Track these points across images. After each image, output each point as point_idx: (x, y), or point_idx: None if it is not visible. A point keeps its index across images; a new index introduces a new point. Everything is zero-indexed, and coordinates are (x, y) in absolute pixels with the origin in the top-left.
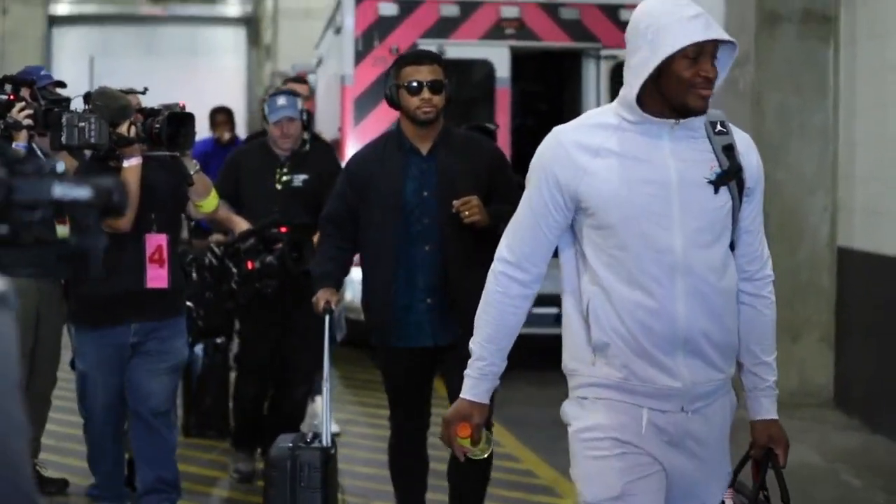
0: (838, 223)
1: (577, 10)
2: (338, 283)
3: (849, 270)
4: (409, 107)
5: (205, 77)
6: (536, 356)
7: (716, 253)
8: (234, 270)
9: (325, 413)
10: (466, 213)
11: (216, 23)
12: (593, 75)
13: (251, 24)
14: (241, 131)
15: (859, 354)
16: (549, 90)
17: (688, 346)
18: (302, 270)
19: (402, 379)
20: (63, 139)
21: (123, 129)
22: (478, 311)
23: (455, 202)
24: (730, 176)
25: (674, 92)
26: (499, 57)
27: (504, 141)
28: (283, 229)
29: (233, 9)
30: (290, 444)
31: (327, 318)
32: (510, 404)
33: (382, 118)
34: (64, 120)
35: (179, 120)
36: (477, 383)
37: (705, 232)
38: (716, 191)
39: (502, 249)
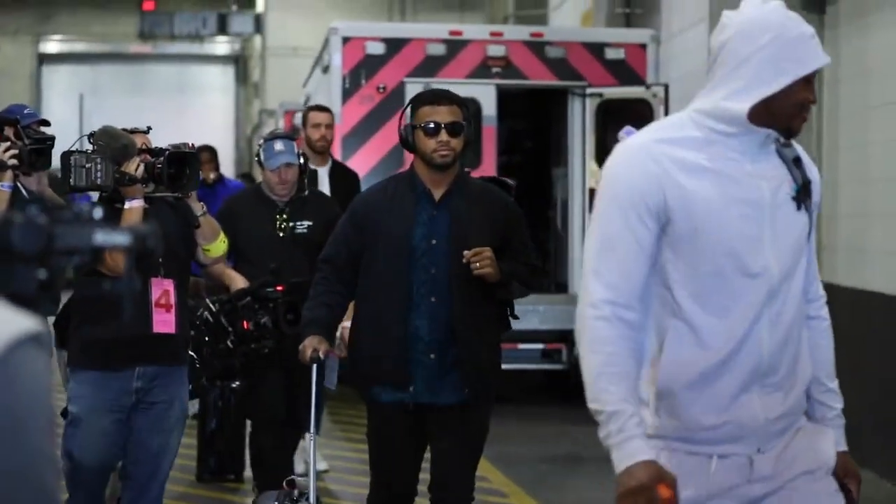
0: (822, 261)
1: (563, 48)
2: (328, 331)
3: (832, 306)
4: (425, 149)
5: (193, 115)
6: (523, 392)
7: (799, 276)
8: (230, 329)
9: (311, 470)
10: (478, 264)
11: (204, 61)
12: (579, 113)
13: (239, 62)
14: (229, 170)
15: (844, 390)
16: (536, 128)
17: (768, 379)
18: (298, 332)
19: (393, 440)
20: (72, 181)
21: (130, 168)
22: (592, 370)
23: (466, 252)
24: (806, 191)
25: (786, 113)
26: (485, 95)
27: None
28: (280, 288)
29: (221, 47)
30: None
31: (315, 367)
32: (496, 441)
33: (370, 156)
34: (72, 161)
35: (181, 159)
36: (642, 441)
37: (793, 254)
38: (798, 208)
39: (598, 290)
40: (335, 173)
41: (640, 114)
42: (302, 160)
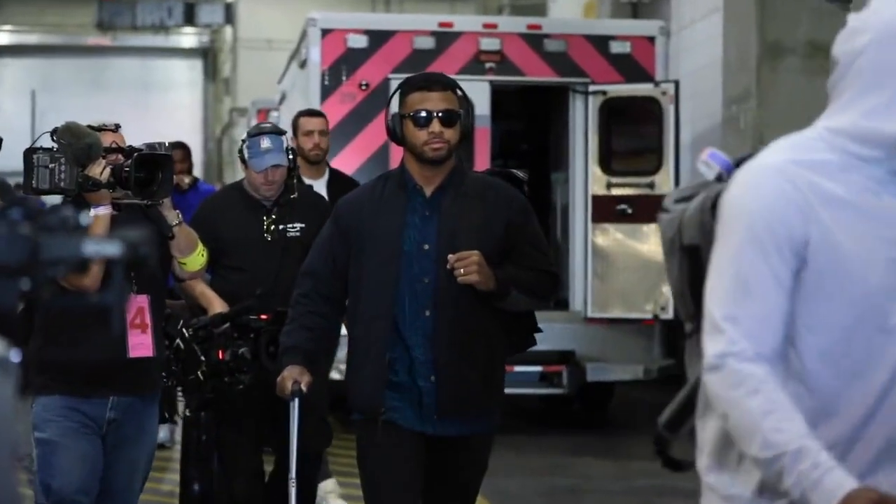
0: None
1: (564, 41)
2: (311, 359)
3: None
4: (416, 142)
5: (157, 114)
6: (519, 419)
7: None
8: (203, 359)
9: None
10: (461, 270)
11: (170, 54)
12: (581, 112)
13: (208, 56)
14: (196, 174)
15: None
16: (533, 129)
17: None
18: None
19: (389, 466)
20: (34, 182)
21: (95, 171)
22: (753, 414)
23: (450, 257)
24: None
25: None
26: (478, 93)
27: None
28: (264, 317)
29: (188, 39)
30: None
31: (296, 402)
32: (490, 473)
33: (352, 161)
34: (35, 160)
35: (152, 162)
36: (839, 470)
37: None
38: None
39: (738, 341)
40: (334, 186)
41: (647, 113)
42: (291, 156)
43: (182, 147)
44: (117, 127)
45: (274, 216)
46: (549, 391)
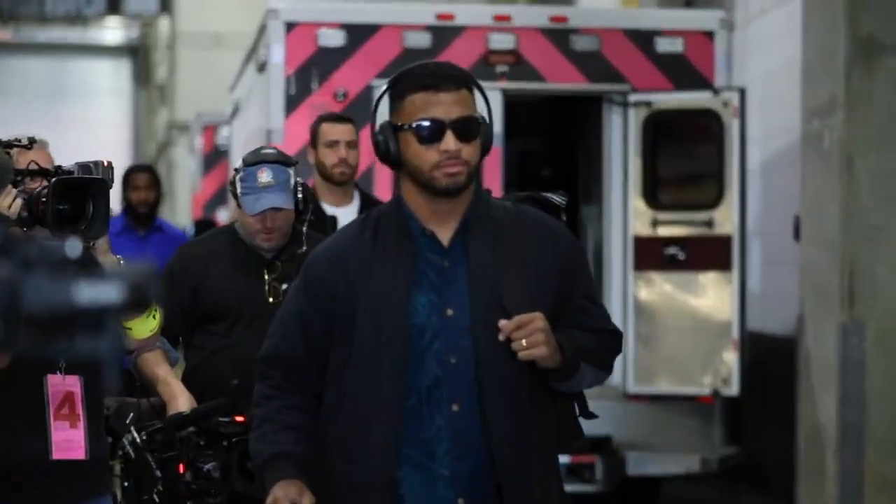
0: None
1: (597, 37)
2: (304, 469)
3: None
4: (421, 164)
5: (72, 128)
6: None
7: None
8: (159, 474)
9: None
10: (524, 341)
11: (89, 53)
12: (619, 129)
13: (138, 55)
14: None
15: None
16: (557, 150)
17: None
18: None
19: None
20: None
21: (2, 203)
22: None
23: (504, 324)
24: None
25: None
26: None
27: None
28: (240, 419)
29: (112, 34)
30: None
31: None
32: None
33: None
34: None
35: (79, 189)
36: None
37: None
38: None
39: None
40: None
41: (704, 130)
42: (301, 195)
43: (148, 171)
44: (33, 142)
45: (276, 273)
46: (579, 488)
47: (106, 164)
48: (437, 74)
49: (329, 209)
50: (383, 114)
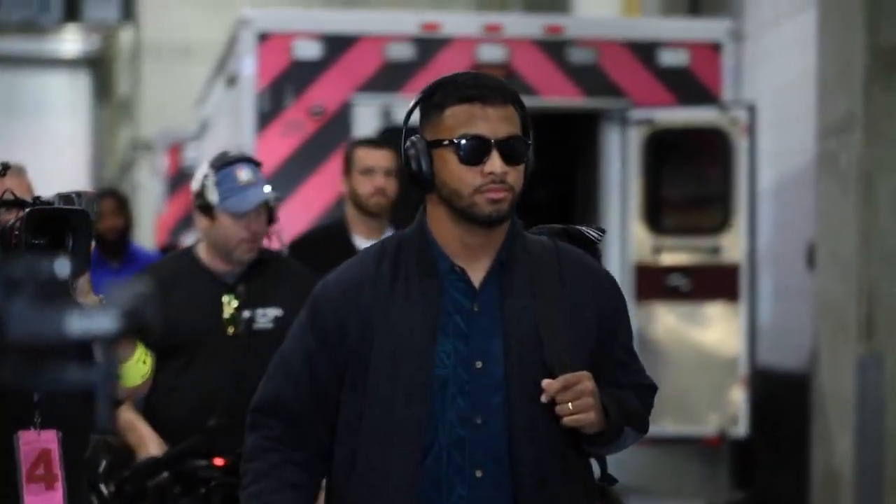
0: None
1: (595, 50)
2: None
3: None
4: (461, 188)
5: (26, 147)
6: None
7: None
8: None
9: None
10: (570, 406)
11: (44, 66)
12: (618, 148)
13: (98, 67)
14: None
15: None
16: (551, 170)
17: None
18: None
19: None
20: None
21: None
22: None
23: (548, 383)
24: None
25: None
26: None
27: None
28: (218, 462)
29: (70, 45)
30: None
31: None
32: None
33: (300, 213)
34: None
35: (57, 221)
36: None
37: None
38: None
39: None
40: None
41: (710, 149)
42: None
43: (112, 195)
44: (6, 168)
45: (238, 298)
46: None
47: (90, 194)
48: (482, 85)
49: (359, 240)
50: (357, 128)
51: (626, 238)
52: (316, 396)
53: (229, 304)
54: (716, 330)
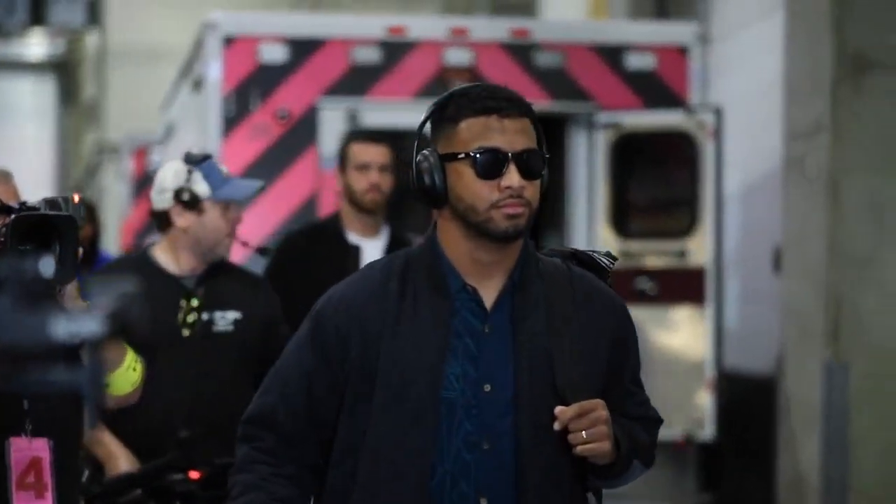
0: None
1: (561, 53)
2: None
3: None
4: (476, 203)
5: None
6: None
7: None
8: None
9: None
10: (584, 434)
11: (9, 69)
12: (584, 152)
13: (64, 71)
14: None
15: None
16: None
17: None
18: None
19: None
20: None
21: None
22: None
23: (562, 411)
24: None
25: None
26: None
27: None
28: (194, 475)
29: (35, 49)
30: None
31: None
32: None
33: (264, 219)
34: None
35: (44, 226)
36: None
37: None
38: None
39: None
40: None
41: (677, 153)
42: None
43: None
44: None
45: (196, 301)
46: None
47: (76, 199)
48: (499, 97)
49: (353, 238)
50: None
51: (593, 242)
52: (311, 415)
53: (189, 306)
54: (682, 333)
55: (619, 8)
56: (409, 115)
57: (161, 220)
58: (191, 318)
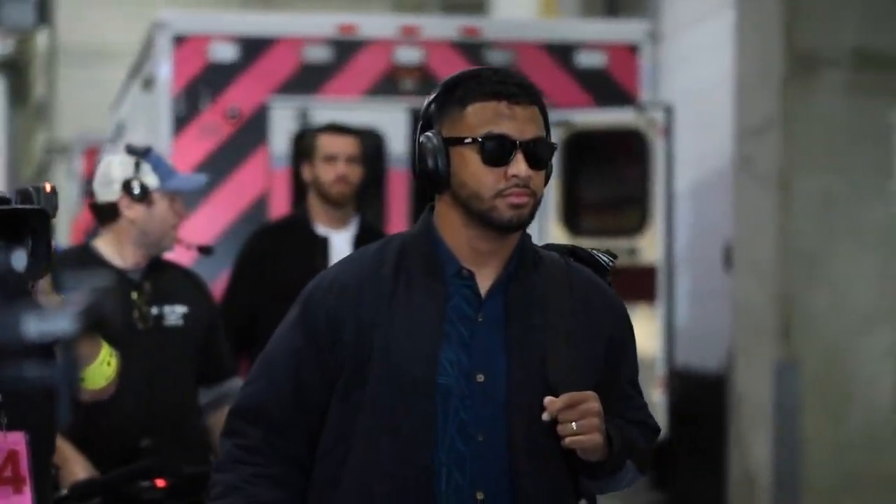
0: None
1: (512, 52)
2: None
3: None
4: (481, 190)
5: None
6: None
7: None
8: None
9: None
10: (574, 426)
11: None
12: None
13: (14, 70)
14: None
15: None
16: None
17: None
18: None
19: None
20: None
21: None
22: None
23: (550, 401)
24: None
25: None
26: (392, 123)
27: None
28: (160, 483)
29: None
30: None
31: None
32: None
33: (214, 218)
34: None
35: (16, 219)
36: None
37: None
38: None
39: None
40: (364, 243)
41: (627, 151)
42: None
43: None
44: None
45: (145, 295)
46: None
47: (48, 189)
48: (510, 83)
49: (321, 230)
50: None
51: (544, 239)
52: (300, 402)
53: (141, 300)
54: (636, 332)
55: (570, 6)
56: (360, 113)
57: (105, 213)
58: (142, 312)
